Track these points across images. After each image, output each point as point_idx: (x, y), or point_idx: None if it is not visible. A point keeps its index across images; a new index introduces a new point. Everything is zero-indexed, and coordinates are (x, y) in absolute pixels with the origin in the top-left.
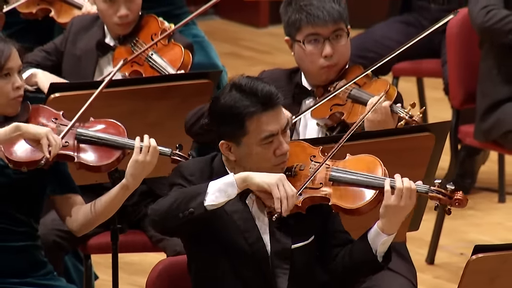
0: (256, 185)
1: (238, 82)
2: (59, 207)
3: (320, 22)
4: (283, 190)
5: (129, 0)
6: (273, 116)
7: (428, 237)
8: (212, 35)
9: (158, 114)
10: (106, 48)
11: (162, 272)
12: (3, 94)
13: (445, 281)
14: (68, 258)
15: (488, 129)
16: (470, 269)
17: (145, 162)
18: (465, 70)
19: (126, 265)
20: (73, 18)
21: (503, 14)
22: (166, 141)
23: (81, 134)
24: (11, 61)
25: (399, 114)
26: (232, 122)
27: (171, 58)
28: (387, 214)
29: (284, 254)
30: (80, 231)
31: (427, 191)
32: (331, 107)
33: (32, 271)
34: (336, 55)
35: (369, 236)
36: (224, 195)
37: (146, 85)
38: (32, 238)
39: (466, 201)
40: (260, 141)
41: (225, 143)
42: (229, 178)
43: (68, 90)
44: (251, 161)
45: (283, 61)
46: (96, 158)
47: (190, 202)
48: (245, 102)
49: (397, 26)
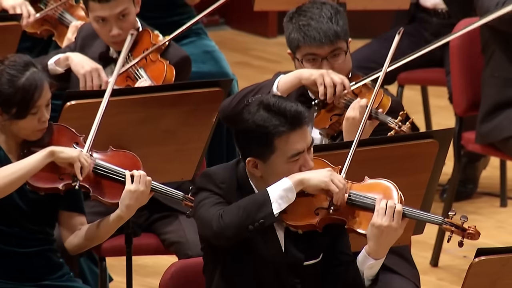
0: (314, 186)
1: (266, 101)
2: (62, 223)
3: (316, 44)
4: (337, 183)
5: (120, 20)
6: (300, 135)
7: (432, 240)
8: (223, 45)
9: (171, 122)
10: (109, 60)
11: (175, 274)
12: (29, 128)
13: (448, 283)
14: (83, 261)
15: (487, 132)
16: (472, 272)
17: (138, 192)
18: (467, 79)
19: (139, 268)
20: (82, 26)
21: None
22: (177, 148)
23: (99, 167)
24: (42, 99)
25: (389, 123)
26: (261, 141)
27: (154, 74)
28: (372, 235)
29: (295, 269)
30: (74, 251)
31: (441, 222)
32: (331, 117)
33: (48, 274)
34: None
35: (358, 259)
36: (286, 200)
37: (159, 93)
38: (48, 243)
39: (478, 235)
40: (287, 159)
41: (252, 160)
42: (287, 183)
43: (84, 98)
44: (276, 177)
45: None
46: (110, 195)
47: (258, 213)
48: (274, 121)
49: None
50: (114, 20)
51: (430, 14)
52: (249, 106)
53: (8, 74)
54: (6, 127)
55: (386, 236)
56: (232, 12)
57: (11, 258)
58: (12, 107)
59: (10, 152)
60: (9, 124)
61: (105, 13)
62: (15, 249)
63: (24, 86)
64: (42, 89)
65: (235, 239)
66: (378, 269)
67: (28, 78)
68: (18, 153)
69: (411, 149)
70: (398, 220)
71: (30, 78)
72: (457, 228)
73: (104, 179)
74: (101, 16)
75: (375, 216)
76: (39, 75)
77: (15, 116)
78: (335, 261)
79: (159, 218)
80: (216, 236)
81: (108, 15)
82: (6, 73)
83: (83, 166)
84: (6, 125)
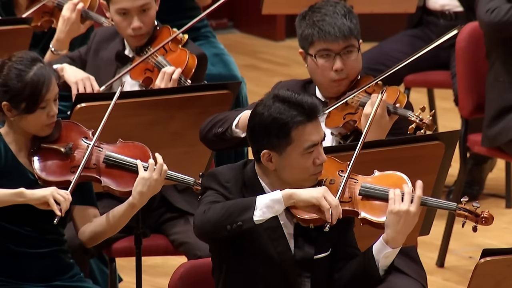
0: (304, 200)
1: (281, 95)
2: (75, 217)
3: (331, 38)
4: (330, 201)
5: (142, 13)
6: (315, 127)
7: (438, 241)
8: (232, 48)
9: (180, 124)
10: (125, 59)
11: (184, 274)
12: (38, 123)
13: (454, 283)
14: (93, 261)
15: (494, 136)
16: (478, 272)
17: (152, 179)
18: (473, 81)
19: (149, 268)
20: (97, 29)
21: (506, 7)
22: (186, 150)
23: (109, 158)
24: (50, 93)
25: (409, 117)
26: (278, 132)
27: (175, 61)
28: (391, 222)
29: (306, 263)
30: (89, 243)
31: (454, 208)
32: (344, 116)
33: (59, 275)
34: (346, 69)
35: (374, 247)
36: (272, 211)
37: (168, 96)
38: (59, 243)
39: (492, 219)
40: (303, 150)
41: (267, 152)
42: (277, 195)
43: (94, 100)
44: (290, 170)
45: (300, 73)
46: (122, 184)
47: (239, 215)
48: (292, 112)
49: (407, 40)
50: (136, 12)
51: (437, 17)
52: (263, 101)
53: (16, 70)
54: (16, 124)
55: (404, 222)
56: (241, 16)
57: (22, 259)
58: (21, 102)
59: (20, 151)
60: (18, 120)
61: (128, 5)
62: (26, 250)
63: (33, 81)
64: (50, 83)
65: (212, 235)
66: (393, 259)
67: (36, 73)
68: (28, 150)
69: (418, 151)
70: (418, 205)
71: (38, 73)
72: (471, 213)
73: (115, 169)
74: (124, 8)
75: (392, 204)
76: (46, 70)
77: (24, 111)
78: (343, 254)
79: (168, 219)
80: (196, 230)
81: (130, 7)
82: (14, 68)
83: (60, 201)
84: (15, 121)
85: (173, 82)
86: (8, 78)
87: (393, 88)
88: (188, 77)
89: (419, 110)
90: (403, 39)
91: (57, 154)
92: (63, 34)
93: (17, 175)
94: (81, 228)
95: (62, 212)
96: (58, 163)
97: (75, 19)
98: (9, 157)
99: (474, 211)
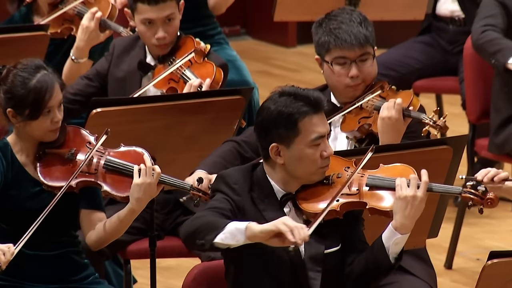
0: (262, 230)
1: (287, 90)
2: (82, 220)
3: (347, 46)
4: (290, 224)
5: (166, 23)
6: (321, 120)
7: (446, 243)
8: (244, 55)
9: (193, 129)
10: (147, 67)
11: (197, 276)
12: (42, 129)
13: (462, 284)
14: (108, 264)
15: (501, 143)
16: (485, 274)
17: (145, 184)
18: (480, 87)
19: (163, 270)
20: (114, 40)
21: (494, 36)
22: (200, 154)
23: (109, 163)
24: (53, 99)
25: (423, 120)
26: (285, 124)
27: (203, 74)
28: (398, 208)
29: (317, 258)
30: (94, 247)
31: (460, 192)
32: (359, 120)
33: (73, 275)
34: (362, 75)
35: (384, 235)
36: (233, 239)
37: (182, 101)
38: (72, 245)
39: (497, 201)
40: (310, 142)
41: (276, 145)
42: (242, 224)
43: (109, 105)
44: (298, 163)
45: (311, 78)
46: (121, 189)
47: (207, 234)
48: (298, 103)
49: (417, 46)
50: (160, 23)
51: (447, 23)
52: (269, 97)
53: (20, 77)
54: (21, 130)
55: (412, 207)
56: (253, 23)
57: (35, 262)
58: (25, 108)
59: (27, 160)
60: (23, 126)
61: (153, 15)
62: (39, 253)
63: (36, 88)
64: (53, 90)
65: (187, 246)
66: (402, 246)
67: (39, 80)
68: (34, 157)
69: (426, 156)
70: (424, 190)
71: (41, 80)
72: (476, 196)
73: (114, 174)
74: (149, 18)
75: (399, 190)
76: (49, 77)
77: (28, 117)
78: (353, 248)
79: (183, 222)
80: (181, 238)
81: (156, 17)
82: (19, 75)
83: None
84: (20, 127)
85: None
86: (12, 85)
87: (406, 91)
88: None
89: (432, 113)
90: (413, 45)
91: (60, 160)
92: (82, 42)
93: (23, 186)
94: (87, 234)
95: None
96: (61, 168)
97: (94, 27)
98: (16, 167)
99: (479, 193)
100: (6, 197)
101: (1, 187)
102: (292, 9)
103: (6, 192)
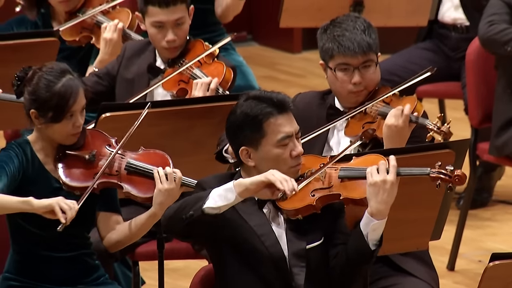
0: (252, 182)
1: (252, 94)
2: (100, 222)
3: (350, 53)
4: (279, 175)
5: (176, 27)
6: (287, 120)
7: (449, 245)
8: (251, 60)
9: (200, 133)
10: (157, 71)
11: (204, 277)
12: (63, 132)
13: (464, 286)
14: (116, 265)
15: (501, 145)
16: (487, 275)
17: (169, 189)
18: (482, 92)
19: (171, 271)
20: (126, 43)
21: (502, 27)
22: (207, 158)
23: (131, 165)
24: (77, 104)
25: (428, 126)
26: (251, 126)
27: (213, 73)
28: (371, 194)
29: (299, 254)
30: (113, 249)
31: (428, 172)
32: (363, 125)
33: (84, 277)
34: (364, 81)
35: (361, 222)
36: (224, 199)
37: (190, 106)
38: (84, 247)
39: (465, 177)
40: (277, 142)
41: (245, 149)
42: (229, 184)
43: (119, 110)
44: (269, 164)
45: (316, 83)
46: (142, 190)
47: (192, 206)
48: (262, 105)
49: (420, 52)
50: (171, 26)
51: (449, 30)
52: (238, 101)
53: (45, 80)
54: (43, 132)
55: (384, 191)
56: (259, 29)
57: (47, 263)
58: (48, 111)
59: (46, 159)
60: (45, 128)
61: (164, 18)
62: (52, 254)
63: (60, 92)
64: (77, 95)
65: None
66: (381, 232)
67: (64, 84)
68: (54, 157)
69: (429, 159)
70: (394, 174)
71: (66, 84)
72: (444, 175)
73: (136, 176)
74: (159, 21)
75: (369, 177)
76: (75, 82)
77: (51, 120)
78: (336, 240)
79: None
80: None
81: (166, 20)
82: (44, 78)
83: (65, 210)
84: (42, 128)
85: (211, 92)
86: (37, 87)
87: (410, 97)
88: (225, 89)
89: (436, 119)
90: (416, 51)
91: (81, 161)
92: (106, 55)
93: (43, 182)
94: (107, 236)
95: (67, 220)
96: (82, 169)
97: (117, 39)
98: (36, 164)
99: (447, 172)
100: (26, 193)
101: (22, 182)
102: (298, 16)
103: (27, 187)
